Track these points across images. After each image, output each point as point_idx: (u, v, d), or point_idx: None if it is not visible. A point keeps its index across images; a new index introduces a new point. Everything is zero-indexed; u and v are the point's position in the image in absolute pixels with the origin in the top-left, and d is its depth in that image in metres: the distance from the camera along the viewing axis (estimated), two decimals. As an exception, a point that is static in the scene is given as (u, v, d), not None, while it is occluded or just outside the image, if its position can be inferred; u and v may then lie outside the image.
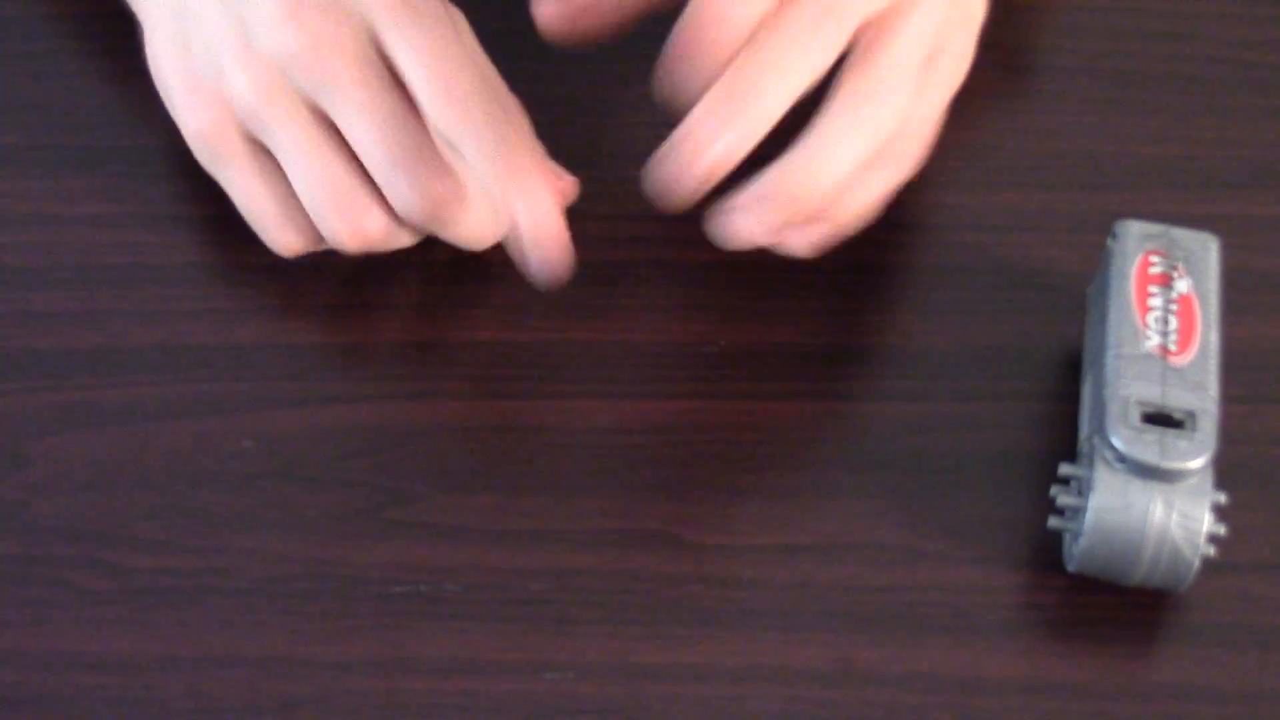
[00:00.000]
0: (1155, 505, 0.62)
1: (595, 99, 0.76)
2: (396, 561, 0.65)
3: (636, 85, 0.76)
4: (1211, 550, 0.62)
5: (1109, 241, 0.67)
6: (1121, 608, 0.64)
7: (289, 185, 0.68)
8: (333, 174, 0.66)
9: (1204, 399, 0.63)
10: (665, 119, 0.76)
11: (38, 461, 0.66)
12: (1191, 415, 0.62)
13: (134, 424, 0.67)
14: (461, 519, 0.66)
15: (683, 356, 0.69)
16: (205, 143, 0.67)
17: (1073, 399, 0.68)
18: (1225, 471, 0.63)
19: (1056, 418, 0.68)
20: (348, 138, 0.66)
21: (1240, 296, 0.69)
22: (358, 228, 0.66)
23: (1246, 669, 0.63)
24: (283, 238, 0.68)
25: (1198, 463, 0.61)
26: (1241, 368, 0.68)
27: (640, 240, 0.72)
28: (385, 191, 0.66)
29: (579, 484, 0.67)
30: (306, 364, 0.69)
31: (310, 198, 0.66)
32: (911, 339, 0.70)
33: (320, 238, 0.69)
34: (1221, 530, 0.62)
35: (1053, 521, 0.64)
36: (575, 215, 0.72)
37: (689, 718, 0.62)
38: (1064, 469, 0.64)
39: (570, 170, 0.73)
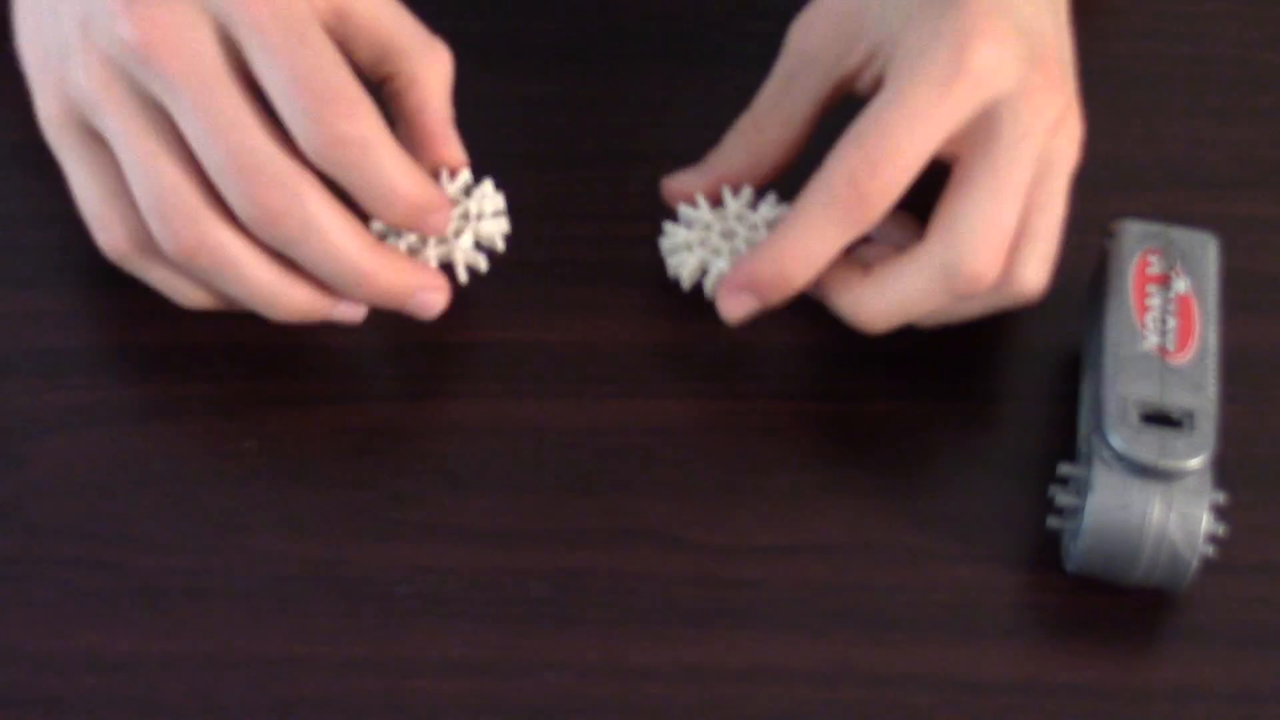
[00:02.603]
0: (1154, 505, 0.62)
1: (595, 99, 0.76)
2: (396, 561, 0.65)
3: (636, 85, 0.76)
4: (1210, 550, 0.62)
5: (1107, 241, 0.67)
6: (1121, 608, 0.64)
7: (120, 180, 0.65)
8: (158, 171, 0.63)
9: (1202, 399, 0.63)
10: (666, 119, 0.76)
11: (38, 461, 0.66)
12: (1190, 415, 0.62)
13: (134, 424, 0.67)
14: (461, 519, 0.66)
15: (683, 356, 0.69)
16: (47, 127, 0.65)
17: (1072, 399, 0.68)
18: (1224, 471, 0.63)
19: (1056, 418, 0.68)
20: (186, 138, 0.63)
21: (1239, 296, 0.69)
22: (178, 235, 0.63)
23: (1246, 669, 0.63)
24: (104, 235, 0.65)
25: (1196, 462, 0.61)
26: (1240, 368, 0.68)
27: (640, 240, 0.72)
28: (224, 196, 0.63)
29: (579, 484, 0.66)
30: (306, 364, 0.69)
31: (137, 194, 0.64)
32: (912, 339, 0.70)
33: (145, 239, 0.65)
34: (1220, 530, 0.62)
35: (1052, 521, 0.64)
36: (576, 215, 0.72)
37: (689, 718, 0.62)
38: (1063, 469, 0.64)
39: (571, 170, 0.74)
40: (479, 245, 0.69)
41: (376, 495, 0.66)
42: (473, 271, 0.69)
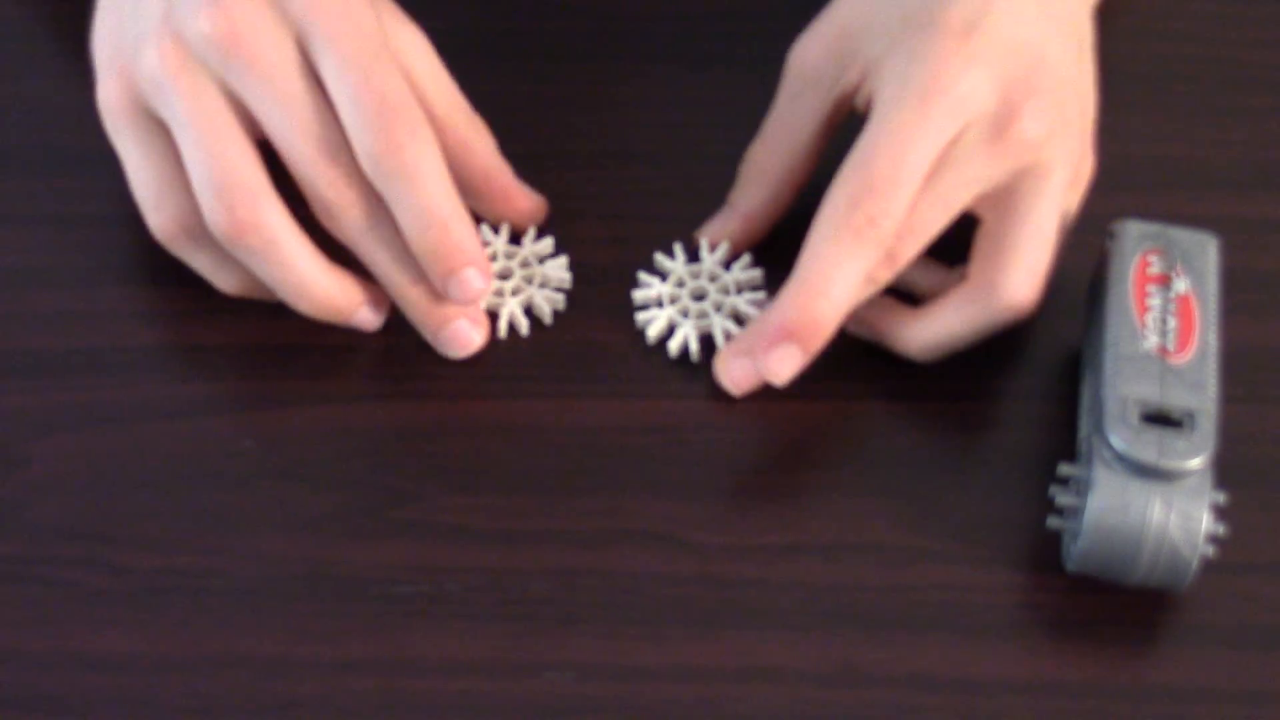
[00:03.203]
0: (1154, 505, 0.62)
1: (595, 99, 0.76)
2: (396, 561, 0.65)
3: (636, 85, 0.76)
4: (1210, 550, 0.62)
5: (1107, 241, 0.67)
6: (1121, 608, 0.64)
7: (176, 165, 0.66)
8: (222, 150, 0.65)
9: (1203, 399, 0.62)
10: (666, 119, 0.76)
11: (38, 461, 0.66)
12: (1190, 415, 0.62)
13: (134, 424, 0.67)
14: (461, 519, 0.66)
15: (682, 356, 0.69)
16: (108, 112, 0.67)
17: (1072, 399, 0.68)
18: (1225, 471, 0.63)
19: (1056, 418, 0.68)
20: (262, 125, 0.66)
21: (1240, 296, 0.69)
22: (233, 211, 0.65)
23: (1246, 669, 0.63)
24: (156, 217, 0.67)
25: (1196, 462, 0.61)
26: (1241, 368, 0.68)
27: (640, 240, 0.72)
28: (295, 175, 0.66)
29: (579, 484, 0.66)
30: (306, 364, 0.69)
31: (195, 172, 0.66)
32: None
33: (196, 223, 0.67)
34: (1220, 530, 0.62)
35: (1052, 521, 0.64)
36: (575, 215, 0.72)
37: (689, 718, 0.62)
38: (1063, 469, 0.64)
39: (571, 170, 0.74)
40: (528, 310, 0.70)
41: (376, 495, 0.66)
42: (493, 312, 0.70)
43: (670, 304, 0.70)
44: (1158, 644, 0.64)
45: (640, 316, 0.69)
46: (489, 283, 0.67)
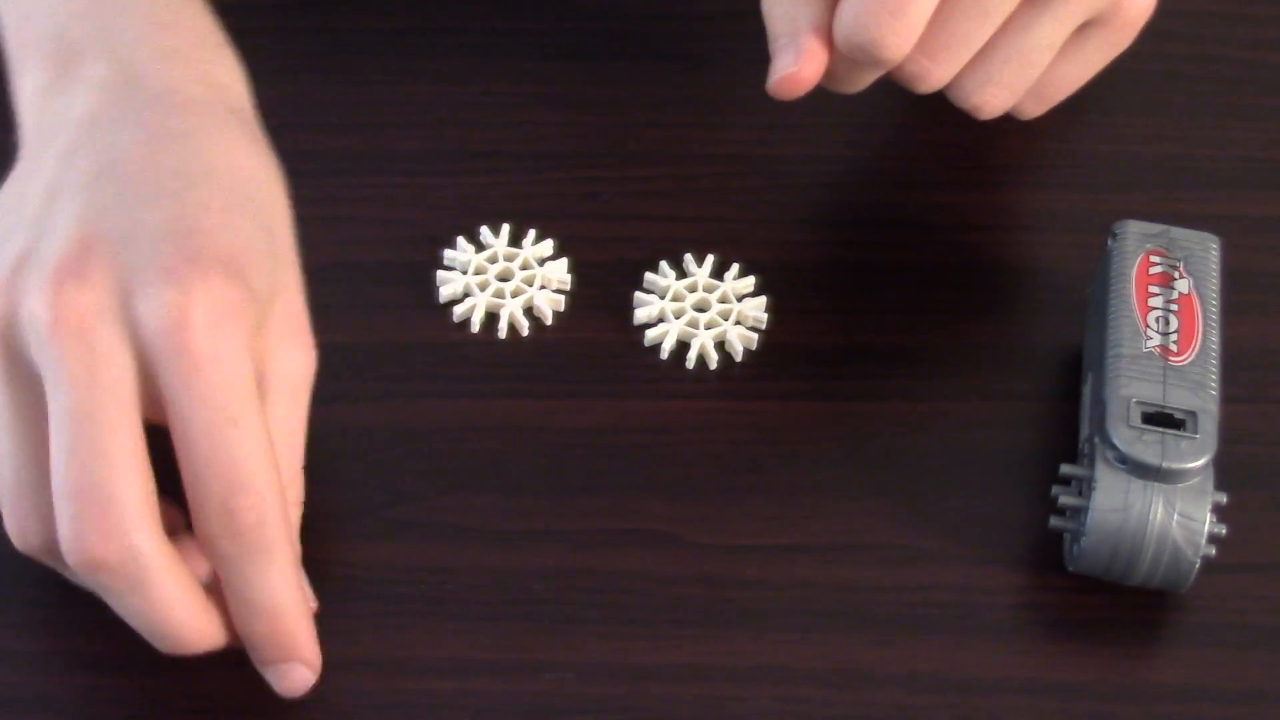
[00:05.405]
0: (1156, 505, 0.62)
1: (595, 99, 0.76)
2: (396, 561, 0.65)
3: (636, 85, 0.76)
4: (1212, 550, 0.62)
5: (1109, 241, 0.67)
6: (1121, 608, 0.64)
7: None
8: (14, 461, 0.58)
9: (1204, 399, 0.62)
10: (666, 119, 0.76)
11: (38, 461, 0.66)
12: (1192, 415, 0.62)
13: (134, 424, 0.67)
14: (461, 519, 0.66)
15: (682, 356, 0.69)
16: None
17: (1073, 399, 0.68)
18: (1225, 471, 0.63)
19: (1056, 418, 0.68)
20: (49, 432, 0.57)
21: (1240, 296, 0.69)
22: (19, 529, 0.59)
23: (1246, 669, 0.63)
24: None
25: (1198, 463, 0.61)
26: (1242, 368, 0.68)
27: (641, 240, 0.72)
28: (56, 514, 0.57)
29: (579, 484, 0.66)
30: (306, 364, 0.69)
31: None
32: (912, 339, 0.70)
33: None
34: (1222, 530, 0.62)
35: (1053, 521, 0.64)
36: (575, 215, 0.72)
37: (689, 718, 0.62)
38: (1065, 469, 0.64)
39: (570, 169, 0.74)
40: (528, 311, 0.70)
41: (376, 495, 0.66)
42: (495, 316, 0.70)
43: (675, 319, 0.69)
44: (1158, 644, 0.64)
45: (650, 334, 0.69)
46: (315, 675, 0.60)
